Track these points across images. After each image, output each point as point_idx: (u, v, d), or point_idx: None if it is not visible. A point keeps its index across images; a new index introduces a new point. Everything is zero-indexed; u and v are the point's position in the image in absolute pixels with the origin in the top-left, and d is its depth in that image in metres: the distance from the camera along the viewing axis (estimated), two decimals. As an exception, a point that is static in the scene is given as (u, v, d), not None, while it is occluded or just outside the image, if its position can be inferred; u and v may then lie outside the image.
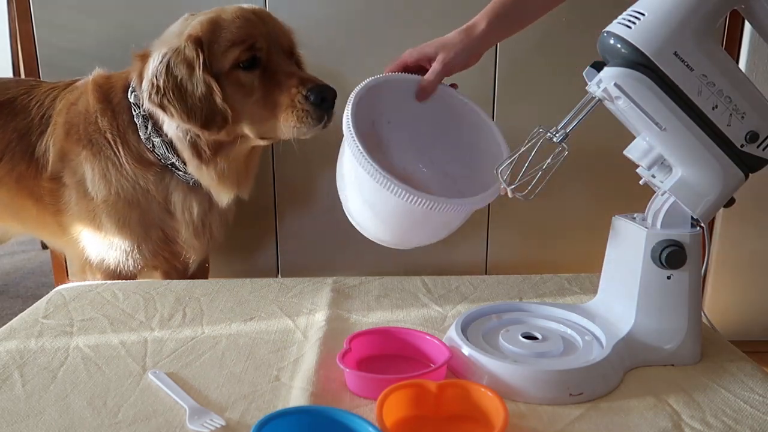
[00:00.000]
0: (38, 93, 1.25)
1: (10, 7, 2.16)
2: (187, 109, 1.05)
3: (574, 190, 1.50)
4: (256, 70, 1.08)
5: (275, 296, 1.05)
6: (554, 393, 0.72)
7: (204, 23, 1.07)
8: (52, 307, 1.00)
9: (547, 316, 0.89)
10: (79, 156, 1.17)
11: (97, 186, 1.16)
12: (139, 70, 1.12)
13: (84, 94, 1.20)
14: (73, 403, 0.72)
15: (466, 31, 0.91)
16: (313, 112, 1.05)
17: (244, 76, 1.07)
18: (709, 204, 0.78)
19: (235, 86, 1.07)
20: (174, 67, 1.05)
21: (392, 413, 0.65)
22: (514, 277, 1.12)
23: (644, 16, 0.71)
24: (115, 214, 1.17)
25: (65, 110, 1.20)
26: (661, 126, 0.74)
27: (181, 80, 1.05)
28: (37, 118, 1.21)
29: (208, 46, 1.06)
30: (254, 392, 0.75)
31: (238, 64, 1.07)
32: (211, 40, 1.06)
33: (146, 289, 1.07)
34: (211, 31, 1.06)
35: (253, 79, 1.07)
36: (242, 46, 1.06)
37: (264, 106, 1.08)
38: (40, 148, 1.20)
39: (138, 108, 1.13)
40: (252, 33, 1.07)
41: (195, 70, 1.05)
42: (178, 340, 0.89)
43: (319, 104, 1.05)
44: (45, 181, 1.19)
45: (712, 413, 0.70)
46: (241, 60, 1.06)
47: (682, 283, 0.79)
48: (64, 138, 1.18)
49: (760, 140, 0.76)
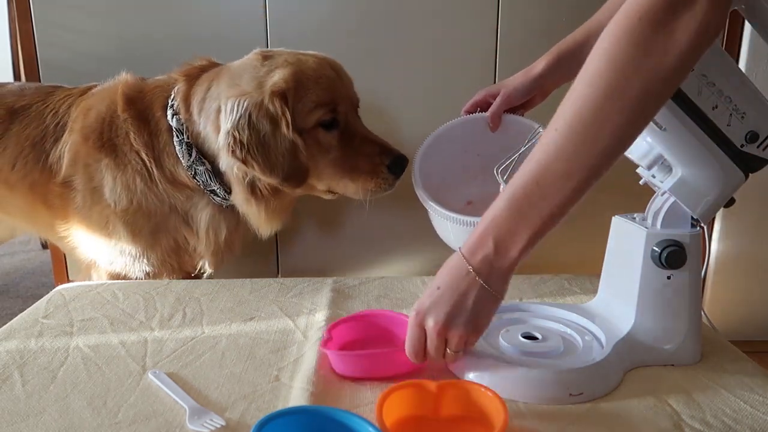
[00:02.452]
0: (54, 101, 1.24)
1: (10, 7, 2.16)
2: (270, 165, 1.04)
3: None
4: (335, 131, 1.09)
5: (275, 296, 1.05)
6: (554, 393, 0.72)
7: (288, 78, 1.05)
8: (52, 307, 1.00)
9: (547, 316, 0.89)
10: (99, 162, 1.15)
11: (118, 195, 1.15)
12: (184, 93, 1.12)
13: (105, 101, 1.18)
14: (73, 403, 0.72)
15: (525, 71, 1.00)
16: (392, 180, 1.10)
17: (324, 136, 1.08)
18: (709, 204, 0.78)
19: (315, 144, 1.08)
20: (257, 122, 1.03)
21: (392, 413, 0.65)
22: (514, 277, 1.11)
23: (644, 16, 0.71)
24: (132, 223, 1.16)
25: (82, 116, 1.19)
26: (661, 126, 0.74)
27: (264, 136, 1.03)
28: (52, 126, 1.21)
29: (293, 102, 1.05)
30: (254, 392, 0.75)
31: (320, 124, 1.07)
32: (295, 97, 1.05)
33: (146, 289, 1.07)
34: (296, 87, 1.05)
35: (332, 139, 1.09)
36: (326, 107, 1.07)
37: (341, 167, 1.10)
38: (54, 155, 1.19)
39: (181, 134, 1.12)
40: (335, 95, 1.09)
41: (280, 127, 1.04)
42: (178, 340, 0.89)
43: (398, 174, 1.10)
44: (55, 185, 1.19)
45: (712, 413, 0.70)
46: (324, 120, 1.07)
47: (682, 283, 0.79)
48: (82, 143, 1.16)
49: (760, 140, 0.76)
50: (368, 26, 1.44)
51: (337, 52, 1.44)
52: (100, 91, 1.22)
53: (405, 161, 1.10)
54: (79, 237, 1.22)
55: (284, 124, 1.03)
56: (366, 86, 1.17)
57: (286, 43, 1.46)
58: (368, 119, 1.16)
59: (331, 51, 1.43)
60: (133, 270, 1.20)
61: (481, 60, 1.46)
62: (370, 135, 1.13)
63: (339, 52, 1.44)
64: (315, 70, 1.08)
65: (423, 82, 1.47)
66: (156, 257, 1.20)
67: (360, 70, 1.17)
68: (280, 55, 1.11)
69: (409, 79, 1.46)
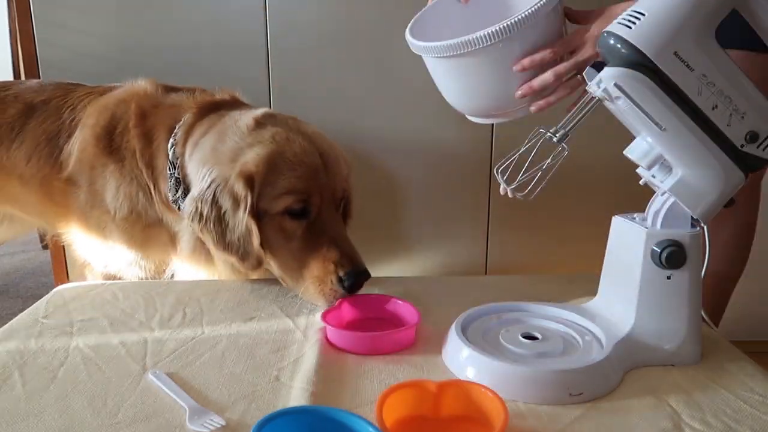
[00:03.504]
0: (73, 97, 1.23)
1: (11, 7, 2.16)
2: (224, 243, 1.01)
3: (574, 190, 1.50)
4: (304, 221, 1.02)
5: (275, 296, 1.05)
6: (554, 393, 0.72)
7: (260, 162, 0.99)
8: (52, 307, 1.00)
9: (547, 316, 0.90)
10: (105, 167, 1.14)
11: (119, 204, 1.14)
12: (187, 127, 1.10)
13: (121, 106, 1.16)
14: (72, 404, 0.72)
15: None
16: (340, 294, 0.98)
17: (290, 224, 1.01)
18: (709, 204, 0.78)
19: (278, 230, 1.01)
20: (220, 197, 1.00)
21: (392, 413, 0.65)
22: (514, 277, 1.12)
23: (644, 16, 0.71)
24: (128, 231, 1.16)
25: (96, 114, 1.17)
26: (661, 126, 0.74)
27: (224, 213, 1.00)
28: (68, 122, 1.20)
29: (261, 186, 0.99)
30: (254, 392, 0.75)
31: (287, 211, 1.01)
32: (265, 181, 0.99)
33: (146, 290, 1.07)
34: (268, 172, 0.99)
35: (296, 229, 1.01)
36: (297, 196, 1.00)
37: (295, 259, 1.02)
38: (66, 151, 1.18)
39: (174, 168, 1.10)
40: (310, 186, 1.01)
41: (239, 210, 0.99)
42: (178, 340, 0.89)
43: (350, 290, 0.98)
44: (60, 181, 1.18)
45: (712, 413, 0.70)
46: (292, 208, 1.01)
47: (682, 283, 0.79)
48: (93, 143, 1.15)
49: (760, 140, 0.76)
50: (368, 29, 1.44)
51: (336, 54, 1.44)
52: (119, 92, 1.20)
53: (363, 278, 0.99)
54: (76, 236, 1.22)
55: (243, 208, 0.98)
56: (366, 85, 1.18)
57: (286, 45, 1.46)
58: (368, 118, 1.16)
59: (331, 53, 1.44)
60: (126, 274, 1.21)
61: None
62: (340, 237, 1.03)
63: (339, 54, 1.44)
64: (296, 155, 1.01)
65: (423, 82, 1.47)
66: (148, 264, 1.20)
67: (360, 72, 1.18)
68: (275, 126, 1.05)
69: (409, 79, 1.46)
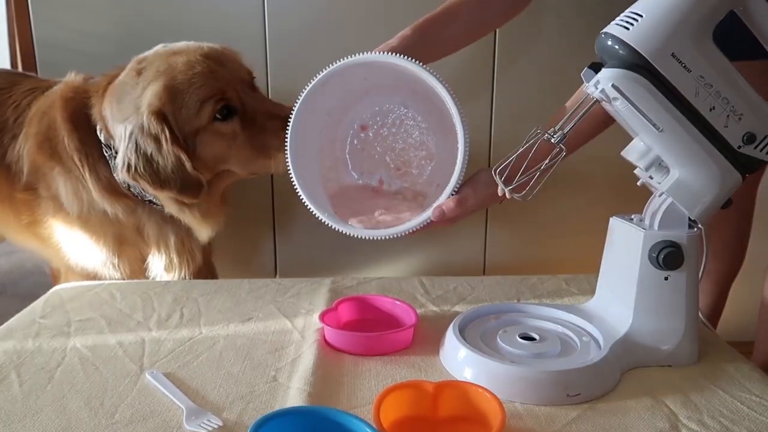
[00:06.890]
0: (18, 92, 1.21)
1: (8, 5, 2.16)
2: (160, 181, 1.05)
3: (572, 190, 1.50)
4: (235, 117, 1.07)
5: (273, 297, 1.05)
6: (552, 394, 0.73)
7: (161, 93, 1.04)
8: (50, 307, 1.00)
9: (545, 316, 0.90)
10: (52, 171, 1.14)
11: (71, 202, 1.14)
12: (99, 108, 1.09)
13: (52, 105, 1.15)
14: (70, 404, 0.72)
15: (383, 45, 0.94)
16: None
17: (224, 127, 1.07)
18: (707, 205, 0.78)
19: (218, 137, 1.06)
20: (142, 144, 1.03)
21: (389, 414, 0.65)
22: (512, 278, 1.12)
23: (642, 17, 0.71)
24: (90, 229, 1.15)
25: (36, 119, 1.16)
26: (658, 127, 0.74)
27: (151, 155, 1.04)
28: (12, 120, 1.18)
29: (174, 113, 1.04)
30: (252, 393, 0.75)
31: (215, 117, 1.05)
32: (175, 107, 1.04)
33: (144, 290, 1.07)
34: (172, 98, 1.04)
35: (234, 127, 1.07)
36: (212, 100, 1.05)
37: (252, 149, 1.07)
38: (12, 154, 1.17)
39: (109, 149, 1.10)
40: (217, 85, 1.06)
41: (162, 145, 1.03)
42: (175, 340, 0.88)
43: None
44: (19, 192, 1.17)
45: (710, 414, 0.70)
46: (217, 112, 1.05)
47: (680, 284, 0.79)
48: (37, 151, 1.14)
49: (758, 141, 0.76)
50: (367, 20, 1.44)
51: (334, 47, 1.44)
52: (52, 92, 1.19)
53: None
54: (52, 243, 1.20)
55: (164, 141, 1.03)
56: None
57: (284, 36, 1.46)
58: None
59: (329, 45, 1.43)
60: (107, 275, 1.19)
61: (481, 61, 1.46)
62: (273, 108, 1.09)
63: (337, 46, 1.44)
64: (185, 71, 1.05)
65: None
66: (124, 266, 1.19)
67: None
68: (152, 63, 1.08)
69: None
